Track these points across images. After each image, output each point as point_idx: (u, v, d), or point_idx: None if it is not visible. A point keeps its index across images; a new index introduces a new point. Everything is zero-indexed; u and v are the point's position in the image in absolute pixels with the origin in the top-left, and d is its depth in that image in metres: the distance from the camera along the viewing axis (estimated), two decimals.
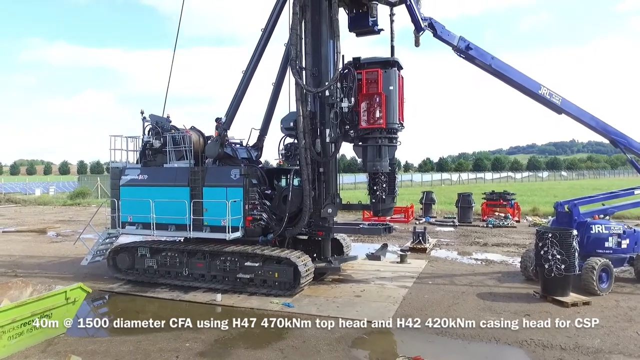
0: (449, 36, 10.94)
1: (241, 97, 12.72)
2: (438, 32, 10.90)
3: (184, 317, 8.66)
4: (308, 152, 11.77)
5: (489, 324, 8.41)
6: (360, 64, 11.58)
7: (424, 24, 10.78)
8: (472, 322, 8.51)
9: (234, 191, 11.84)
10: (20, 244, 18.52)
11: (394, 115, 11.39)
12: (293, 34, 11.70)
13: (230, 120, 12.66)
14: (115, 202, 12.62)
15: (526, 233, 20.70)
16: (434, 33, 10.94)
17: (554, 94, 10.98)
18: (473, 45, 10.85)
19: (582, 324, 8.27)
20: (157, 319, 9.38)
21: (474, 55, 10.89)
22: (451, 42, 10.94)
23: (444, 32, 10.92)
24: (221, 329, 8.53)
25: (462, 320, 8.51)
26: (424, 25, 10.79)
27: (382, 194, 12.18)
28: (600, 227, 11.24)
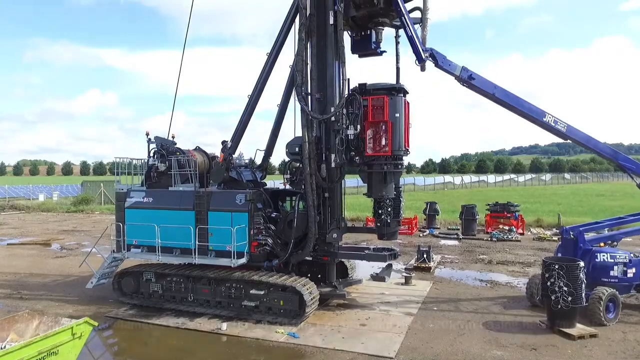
0: (450, 66, 10.91)
1: (247, 121, 12.71)
2: (439, 63, 10.87)
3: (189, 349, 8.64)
4: (313, 177, 11.76)
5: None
6: (366, 90, 11.57)
7: (425, 55, 10.75)
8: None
9: (239, 216, 11.83)
10: (24, 260, 18.55)
11: (399, 142, 11.37)
12: (299, 60, 11.69)
13: (235, 144, 12.67)
14: (120, 226, 12.60)
15: (530, 248, 20.65)
16: (435, 63, 10.91)
17: (559, 121, 10.94)
18: (476, 75, 10.81)
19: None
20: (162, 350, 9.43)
21: (477, 84, 10.85)
22: (453, 73, 10.91)
23: (445, 62, 10.89)
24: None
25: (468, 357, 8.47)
26: (425, 55, 10.76)
27: (387, 218, 12.20)
28: (605, 255, 11.18)
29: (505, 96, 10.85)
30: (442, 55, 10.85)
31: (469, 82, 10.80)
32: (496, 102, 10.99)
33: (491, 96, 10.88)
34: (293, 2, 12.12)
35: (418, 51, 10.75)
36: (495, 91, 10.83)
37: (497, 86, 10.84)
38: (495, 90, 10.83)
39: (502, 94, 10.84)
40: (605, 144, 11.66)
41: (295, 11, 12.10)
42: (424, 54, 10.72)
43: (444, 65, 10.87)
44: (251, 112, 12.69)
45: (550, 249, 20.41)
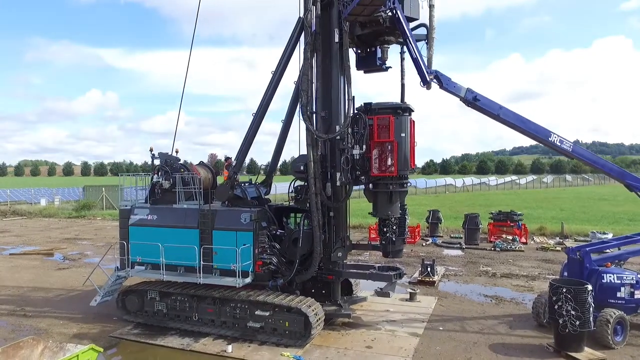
0: (455, 88, 10.85)
1: (252, 139, 12.65)
2: (444, 85, 10.82)
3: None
4: (319, 196, 11.70)
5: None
6: (371, 109, 11.52)
7: (429, 77, 10.70)
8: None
9: (244, 235, 11.78)
10: (27, 272, 18.51)
11: (405, 162, 11.31)
12: (304, 79, 11.63)
13: (240, 162, 12.61)
14: (124, 245, 12.55)
15: (534, 259, 20.58)
16: (440, 85, 10.86)
17: (565, 141, 10.89)
18: (480, 97, 10.76)
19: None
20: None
21: (482, 106, 10.80)
22: (458, 94, 10.85)
23: (450, 84, 10.84)
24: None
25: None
26: (430, 78, 10.71)
27: (392, 236, 12.15)
28: (612, 276, 11.11)
29: (510, 117, 10.79)
30: (447, 77, 10.79)
31: (474, 103, 10.74)
32: (501, 123, 10.93)
33: (496, 117, 10.83)
34: (298, 20, 12.06)
35: (423, 74, 10.69)
36: (500, 112, 10.78)
37: (502, 107, 10.78)
38: (500, 111, 10.78)
39: (507, 114, 10.79)
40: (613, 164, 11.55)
41: (300, 29, 12.05)
42: (429, 77, 10.67)
43: (448, 87, 10.81)
44: (256, 130, 12.63)
45: (554, 259, 20.36)
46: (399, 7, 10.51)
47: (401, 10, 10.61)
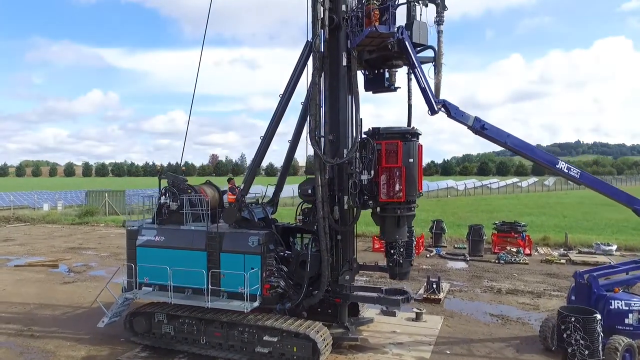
0: (463, 117, 10.90)
1: (259, 162, 12.70)
2: (452, 114, 10.86)
3: None
4: (326, 220, 11.72)
5: None
6: (379, 133, 11.54)
7: (437, 107, 10.75)
8: None
9: (252, 259, 11.80)
10: (33, 286, 18.54)
11: (413, 187, 11.32)
12: (312, 104, 11.65)
13: (248, 186, 12.62)
14: (132, 267, 12.57)
15: (539, 273, 20.58)
16: (448, 114, 10.91)
17: (572, 168, 10.92)
18: (488, 126, 10.81)
19: None
20: None
21: (489, 134, 10.86)
22: (465, 123, 10.91)
23: (457, 113, 10.88)
24: None
25: None
26: (438, 107, 10.75)
27: (400, 259, 12.18)
28: (620, 302, 11.11)
29: (517, 145, 10.84)
30: (455, 106, 10.83)
31: (481, 132, 10.78)
32: (509, 150, 10.96)
33: (503, 144, 10.87)
34: (306, 44, 12.07)
35: (431, 103, 10.74)
36: (508, 140, 10.83)
37: (510, 135, 10.83)
38: (507, 139, 10.83)
39: (515, 142, 10.83)
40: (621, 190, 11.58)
41: (308, 52, 12.06)
42: (437, 106, 10.71)
43: (456, 116, 10.84)
44: (264, 153, 12.64)
45: (559, 274, 20.37)
46: (407, 37, 10.52)
47: (409, 40, 10.63)
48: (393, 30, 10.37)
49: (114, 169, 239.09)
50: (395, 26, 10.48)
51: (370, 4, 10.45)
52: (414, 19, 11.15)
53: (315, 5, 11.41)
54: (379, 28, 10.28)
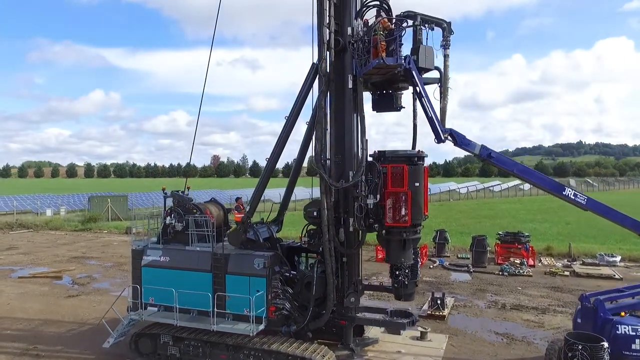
0: (469, 145, 10.94)
1: (265, 184, 12.70)
2: (459, 142, 10.91)
3: None
4: (332, 243, 11.73)
5: None
6: (385, 157, 11.54)
7: (444, 135, 10.77)
8: None
9: (257, 281, 11.83)
10: (37, 300, 18.57)
11: (419, 211, 11.32)
12: (318, 128, 11.65)
13: (254, 207, 12.63)
14: (137, 289, 12.59)
15: (543, 287, 20.54)
16: (455, 143, 10.95)
17: (579, 195, 10.92)
18: (495, 154, 10.85)
19: None
20: None
21: (496, 162, 10.90)
22: (472, 151, 10.95)
23: (464, 141, 10.92)
24: None
25: None
26: (445, 136, 10.78)
27: (405, 280, 12.18)
28: (627, 327, 11.07)
29: (525, 173, 10.88)
30: (461, 134, 10.87)
31: (488, 159, 10.80)
32: (516, 177, 10.97)
33: (511, 172, 10.91)
34: (312, 66, 12.08)
35: (437, 132, 10.77)
36: (515, 168, 10.90)
37: (517, 164, 10.94)
38: (514, 167, 10.90)
39: (522, 170, 10.85)
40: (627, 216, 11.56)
41: (314, 75, 12.07)
42: (443, 135, 10.73)
43: (463, 144, 10.87)
44: (269, 174, 12.67)
45: (563, 287, 20.34)
46: (414, 67, 10.52)
47: (416, 70, 10.63)
48: (400, 61, 10.37)
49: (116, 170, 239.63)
50: (402, 55, 10.47)
51: (377, 35, 10.45)
52: (420, 43, 11.13)
53: (321, 28, 11.41)
54: (386, 60, 10.29)
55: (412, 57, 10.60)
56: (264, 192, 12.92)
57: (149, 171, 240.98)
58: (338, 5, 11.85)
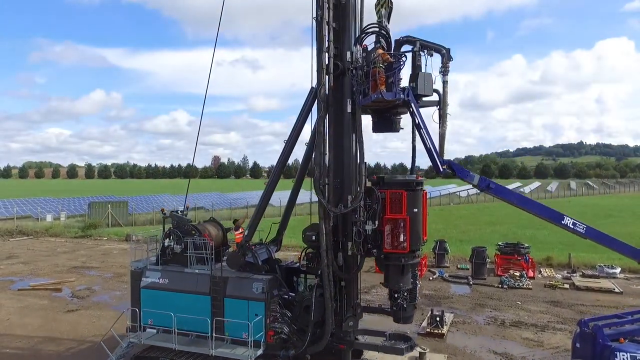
0: (468, 176, 10.97)
1: (264, 207, 12.70)
2: (457, 173, 10.95)
3: None
4: (330, 268, 11.73)
5: None
6: (384, 182, 11.54)
7: (442, 167, 10.80)
8: None
9: (256, 305, 11.86)
10: (36, 315, 18.57)
11: (417, 237, 11.33)
12: (317, 153, 11.65)
13: (252, 231, 12.63)
14: (136, 312, 12.60)
15: (542, 301, 20.53)
16: (453, 174, 10.99)
17: (578, 223, 10.93)
18: (494, 185, 10.88)
19: None
20: None
21: (495, 193, 10.94)
22: (471, 182, 10.98)
23: (462, 173, 10.96)
24: None
25: None
26: (443, 167, 10.81)
27: (404, 303, 12.18)
28: (626, 354, 11.03)
29: (524, 203, 10.92)
30: (459, 166, 10.94)
31: (487, 190, 10.82)
32: (517, 207, 11.01)
33: (509, 202, 10.92)
34: (311, 90, 12.08)
35: (436, 163, 10.80)
36: (513, 197, 10.91)
37: (516, 194, 10.98)
38: (513, 196, 10.91)
39: (521, 200, 10.90)
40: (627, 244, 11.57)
41: (313, 98, 12.08)
42: (442, 167, 10.75)
43: (462, 175, 10.89)
44: (268, 198, 12.68)
45: (562, 302, 20.33)
46: (412, 99, 10.53)
47: (415, 102, 10.63)
48: (399, 96, 10.38)
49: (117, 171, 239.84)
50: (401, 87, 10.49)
51: (375, 67, 10.45)
52: (419, 70, 11.13)
53: (320, 54, 11.40)
54: (385, 95, 10.30)
55: (410, 88, 10.59)
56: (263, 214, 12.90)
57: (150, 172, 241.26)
58: (337, 30, 11.85)
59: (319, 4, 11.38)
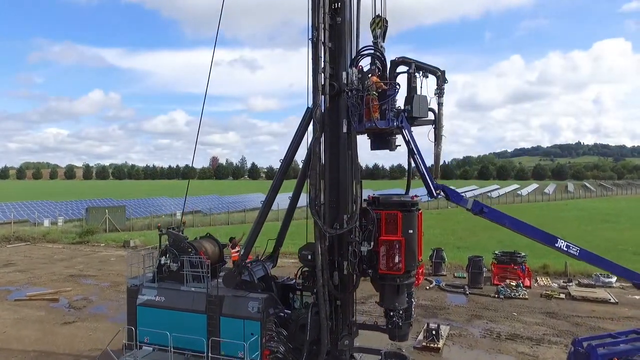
0: (461, 201, 11.04)
1: (259, 227, 12.73)
2: (451, 198, 11.02)
3: None
4: (326, 287, 11.76)
5: None
6: (379, 202, 11.58)
7: (436, 192, 10.86)
8: None
9: (252, 324, 11.90)
10: (33, 327, 18.56)
11: (413, 258, 11.37)
12: (312, 174, 11.67)
13: (248, 251, 12.66)
14: (132, 331, 12.63)
15: (538, 312, 20.60)
16: (447, 198, 11.07)
17: (571, 246, 10.99)
18: (487, 209, 10.96)
19: None
20: None
21: (488, 217, 11.01)
22: (464, 206, 11.05)
23: (456, 197, 11.04)
24: None
25: None
26: (437, 192, 10.87)
27: (399, 321, 12.21)
28: None
29: (517, 226, 10.98)
30: (453, 190, 11.00)
31: (480, 214, 10.89)
32: (511, 230, 11.07)
33: (504, 226, 10.98)
34: (307, 110, 12.11)
35: (430, 188, 10.86)
36: (507, 221, 10.97)
37: (509, 217, 11.01)
38: (506, 220, 10.97)
39: (514, 224, 10.95)
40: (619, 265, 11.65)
41: (308, 119, 12.11)
42: (435, 192, 10.82)
43: (455, 200, 10.96)
44: (264, 217, 12.71)
45: (558, 313, 20.40)
46: (406, 125, 10.57)
47: (409, 128, 10.67)
48: (392, 124, 10.43)
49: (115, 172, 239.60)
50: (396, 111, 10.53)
51: (369, 95, 10.49)
52: (414, 92, 11.16)
53: (316, 75, 11.43)
54: (378, 124, 10.35)
55: (404, 114, 10.62)
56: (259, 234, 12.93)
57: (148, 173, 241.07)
58: (333, 50, 11.89)
59: (314, 25, 11.41)
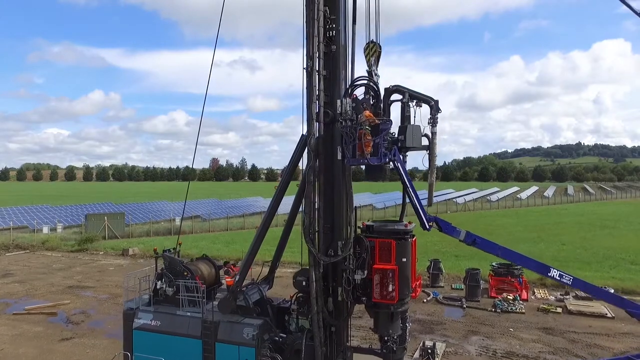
0: (454, 232, 11.09)
1: (255, 251, 12.77)
2: (444, 230, 11.08)
3: None
4: (320, 315, 11.82)
5: None
6: (373, 230, 11.64)
7: (429, 224, 10.93)
8: None
9: (246, 351, 11.92)
10: (30, 344, 18.65)
11: (406, 286, 11.43)
12: (307, 202, 11.73)
13: (243, 276, 12.70)
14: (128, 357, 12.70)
15: (535, 327, 20.67)
16: (440, 229, 11.10)
17: (564, 275, 11.05)
18: (479, 240, 11.02)
19: None
20: None
21: (481, 247, 11.08)
22: (457, 238, 11.11)
23: (449, 229, 11.10)
24: None
25: None
26: (430, 224, 10.94)
27: (394, 346, 12.27)
28: None
29: (509, 256, 11.04)
30: (446, 222, 11.06)
31: (473, 244, 10.97)
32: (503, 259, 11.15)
33: (497, 256, 11.06)
34: (301, 137, 12.17)
35: (422, 221, 10.90)
36: (500, 252, 11.04)
37: (501, 248, 11.06)
38: (499, 251, 11.03)
39: (507, 254, 11.01)
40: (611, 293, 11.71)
41: (303, 146, 12.16)
42: (428, 224, 10.88)
43: (448, 232, 11.03)
44: (260, 241, 12.75)
45: (555, 329, 20.47)
46: (399, 160, 10.61)
47: (402, 162, 10.71)
48: (385, 160, 10.49)
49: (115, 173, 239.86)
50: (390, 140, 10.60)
51: (362, 129, 10.55)
52: (408, 121, 11.22)
53: (310, 104, 11.48)
54: (370, 160, 10.42)
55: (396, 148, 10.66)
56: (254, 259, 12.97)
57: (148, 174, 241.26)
58: (328, 77, 11.93)
59: (309, 55, 11.46)
